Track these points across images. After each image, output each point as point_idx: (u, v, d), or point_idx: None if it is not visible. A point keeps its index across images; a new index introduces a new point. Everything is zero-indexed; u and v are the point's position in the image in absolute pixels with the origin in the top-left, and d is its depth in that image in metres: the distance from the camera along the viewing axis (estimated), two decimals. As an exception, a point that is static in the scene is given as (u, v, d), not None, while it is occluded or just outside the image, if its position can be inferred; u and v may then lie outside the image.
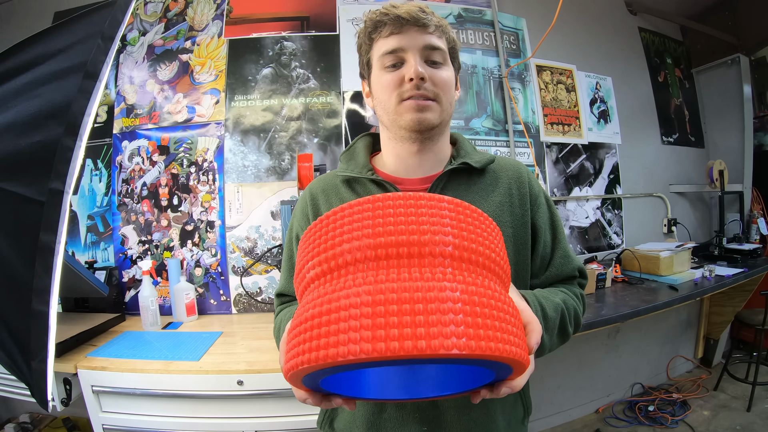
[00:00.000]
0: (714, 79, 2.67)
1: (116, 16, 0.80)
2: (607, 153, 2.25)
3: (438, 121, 0.63)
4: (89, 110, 0.77)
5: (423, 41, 0.61)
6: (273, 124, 1.74)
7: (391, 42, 0.62)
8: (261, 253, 1.70)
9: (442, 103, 0.63)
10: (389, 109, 0.64)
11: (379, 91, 0.65)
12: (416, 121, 0.62)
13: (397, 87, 0.62)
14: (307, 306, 0.36)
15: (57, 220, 0.75)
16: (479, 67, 1.97)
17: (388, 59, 0.62)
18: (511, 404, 0.69)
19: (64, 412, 1.56)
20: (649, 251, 1.97)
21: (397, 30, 0.61)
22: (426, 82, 0.61)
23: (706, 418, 1.98)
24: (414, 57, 0.61)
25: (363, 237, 0.36)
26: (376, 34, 0.64)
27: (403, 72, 0.61)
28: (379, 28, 0.63)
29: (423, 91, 0.61)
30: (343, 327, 0.31)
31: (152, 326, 1.46)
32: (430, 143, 0.66)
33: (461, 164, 0.66)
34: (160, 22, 1.81)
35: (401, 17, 0.61)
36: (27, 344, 0.77)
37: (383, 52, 0.63)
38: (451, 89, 0.64)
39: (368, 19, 0.64)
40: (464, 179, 0.67)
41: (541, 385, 1.98)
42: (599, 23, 2.29)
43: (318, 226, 0.41)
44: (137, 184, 1.74)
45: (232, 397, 1.14)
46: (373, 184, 0.67)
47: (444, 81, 0.62)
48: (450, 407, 0.62)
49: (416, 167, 0.68)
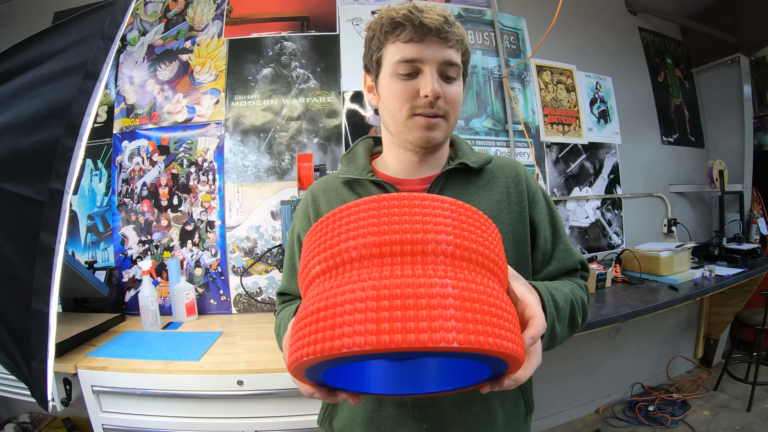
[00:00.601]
0: (714, 79, 2.67)
1: (116, 16, 0.80)
2: (607, 153, 2.25)
3: (443, 138, 0.64)
4: (89, 110, 0.77)
5: (443, 56, 0.59)
6: (273, 124, 1.75)
7: (410, 51, 0.58)
8: (261, 253, 1.70)
9: (449, 120, 0.63)
10: (398, 120, 0.63)
11: (388, 98, 0.63)
12: (424, 139, 0.62)
13: (410, 100, 0.60)
14: (312, 300, 0.37)
15: (57, 220, 0.75)
16: (479, 67, 1.97)
17: (404, 68, 0.59)
18: (513, 400, 0.69)
19: (64, 412, 1.56)
20: (649, 251, 1.97)
21: (419, 38, 0.58)
22: (439, 100, 0.60)
23: (706, 418, 1.98)
24: (432, 72, 0.59)
25: (368, 235, 0.37)
26: (393, 35, 0.60)
27: (418, 85, 0.59)
28: (398, 29, 0.59)
29: (435, 109, 0.60)
30: (348, 320, 0.32)
31: (152, 326, 1.46)
32: (431, 153, 0.67)
33: (459, 164, 0.67)
34: (160, 22, 1.81)
35: (426, 26, 0.57)
36: (27, 344, 0.77)
37: (400, 59, 0.59)
38: (459, 105, 0.64)
39: (387, 16, 0.60)
40: (462, 179, 0.68)
41: (541, 385, 1.98)
42: (599, 23, 2.29)
43: (323, 224, 0.42)
44: (137, 184, 1.74)
45: (232, 397, 1.14)
46: (373, 185, 0.68)
47: (455, 98, 0.62)
48: (449, 404, 0.62)
49: (416, 170, 0.69)
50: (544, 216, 0.70)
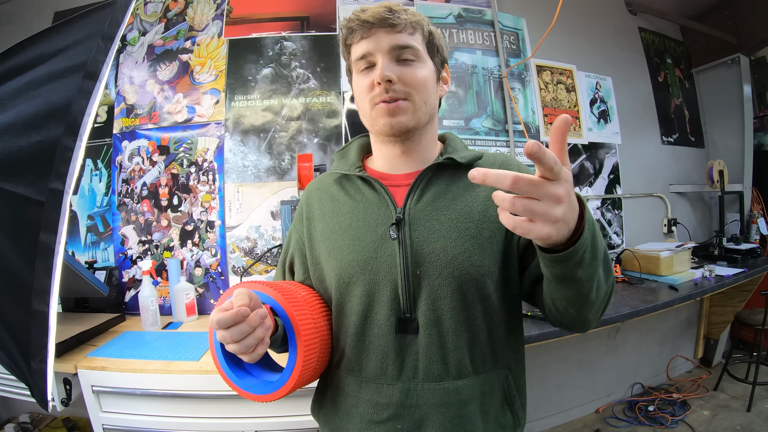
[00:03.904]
0: (714, 79, 2.67)
1: (116, 16, 0.80)
2: (607, 153, 2.25)
3: (413, 122, 0.63)
4: (89, 110, 0.77)
5: (390, 42, 0.61)
6: (273, 124, 1.74)
7: (361, 47, 0.63)
8: (261, 253, 1.70)
9: (414, 102, 0.62)
10: (365, 114, 0.66)
11: (356, 96, 0.67)
12: (388, 125, 0.63)
13: (369, 91, 0.63)
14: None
15: (57, 220, 0.75)
16: (479, 67, 1.97)
17: (360, 64, 0.64)
18: (497, 409, 0.65)
19: (64, 412, 1.56)
20: (649, 251, 1.97)
21: (366, 34, 0.62)
22: (395, 84, 0.61)
23: (706, 418, 1.98)
24: (382, 59, 0.61)
25: None
26: (350, 40, 0.65)
27: (372, 76, 0.62)
28: (351, 34, 0.64)
29: (393, 93, 0.61)
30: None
31: (152, 326, 1.46)
32: (412, 144, 0.67)
33: (446, 159, 0.67)
34: (160, 22, 1.81)
35: (367, 21, 0.61)
36: (27, 344, 0.77)
37: (355, 58, 0.64)
38: (425, 86, 0.63)
39: (342, 26, 0.66)
40: (448, 175, 0.67)
41: (541, 385, 1.98)
42: (599, 23, 2.29)
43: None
44: (137, 184, 1.74)
45: (232, 397, 1.13)
46: (360, 181, 0.69)
47: (415, 79, 0.62)
48: (426, 405, 0.61)
49: (402, 165, 0.69)
50: None
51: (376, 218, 0.65)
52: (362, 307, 0.64)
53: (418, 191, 0.66)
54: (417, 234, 0.63)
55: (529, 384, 0.73)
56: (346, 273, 0.64)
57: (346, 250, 0.65)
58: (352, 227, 0.66)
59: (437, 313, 0.61)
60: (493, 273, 0.63)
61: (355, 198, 0.69)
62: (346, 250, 0.65)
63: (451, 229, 0.62)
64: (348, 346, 0.65)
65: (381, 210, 0.65)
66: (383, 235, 0.63)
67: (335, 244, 0.67)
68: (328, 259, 0.67)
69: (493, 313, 0.64)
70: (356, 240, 0.65)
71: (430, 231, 0.63)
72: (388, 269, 0.62)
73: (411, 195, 0.65)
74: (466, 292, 0.61)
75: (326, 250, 0.68)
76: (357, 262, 0.64)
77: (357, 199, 0.68)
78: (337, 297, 0.66)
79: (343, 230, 0.67)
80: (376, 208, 0.66)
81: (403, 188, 0.67)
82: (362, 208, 0.67)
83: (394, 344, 0.62)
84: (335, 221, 0.68)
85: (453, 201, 0.65)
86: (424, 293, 0.61)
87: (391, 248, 0.62)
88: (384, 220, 0.64)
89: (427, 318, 0.61)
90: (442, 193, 0.66)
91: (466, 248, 0.61)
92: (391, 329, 0.62)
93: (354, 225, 0.66)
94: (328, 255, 0.67)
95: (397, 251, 0.62)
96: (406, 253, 0.62)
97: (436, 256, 0.61)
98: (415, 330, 0.62)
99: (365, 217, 0.66)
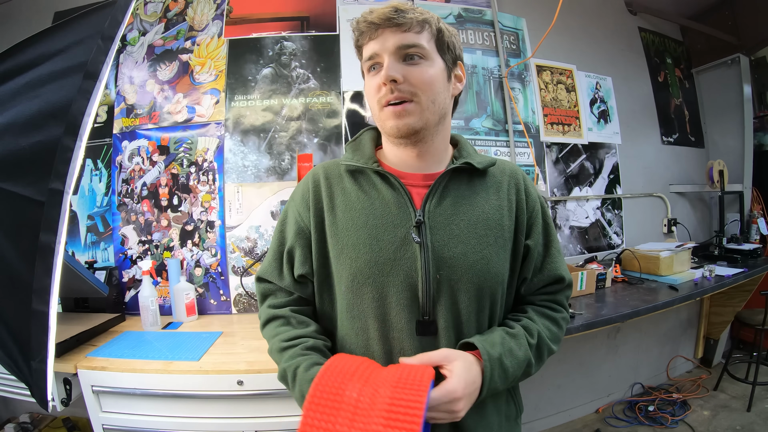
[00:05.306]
0: (714, 79, 2.67)
1: (116, 16, 0.80)
2: (607, 153, 2.25)
3: (420, 123, 0.62)
4: (89, 110, 0.77)
5: (396, 42, 0.60)
6: (273, 124, 1.74)
7: (369, 48, 0.63)
8: (261, 253, 1.70)
9: (421, 103, 0.61)
10: (375, 114, 0.66)
11: (367, 98, 0.68)
12: (395, 128, 0.62)
13: (377, 92, 0.63)
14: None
15: (57, 220, 0.75)
16: (479, 67, 1.97)
17: (368, 65, 0.64)
18: (504, 402, 0.70)
19: (64, 412, 1.56)
20: (649, 251, 1.97)
21: (374, 35, 0.62)
22: (401, 83, 0.60)
23: (706, 418, 1.98)
24: (388, 59, 0.60)
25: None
26: (360, 42, 0.65)
27: (379, 77, 0.62)
28: (361, 36, 0.64)
29: (399, 93, 0.60)
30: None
31: (152, 326, 1.46)
32: (424, 144, 0.67)
33: (464, 164, 0.67)
34: (160, 22, 1.81)
35: (374, 23, 0.61)
36: (27, 344, 0.77)
37: (364, 59, 0.65)
38: (432, 86, 0.62)
39: (353, 29, 0.66)
40: (465, 179, 0.68)
41: (541, 385, 1.98)
42: (599, 23, 2.29)
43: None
44: (137, 184, 1.74)
45: (232, 397, 1.14)
46: (377, 176, 0.68)
47: (422, 79, 0.61)
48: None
49: (417, 165, 0.69)
50: (539, 231, 0.71)
51: (395, 218, 0.64)
52: (378, 309, 0.63)
53: (437, 194, 0.65)
54: (437, 237, 0.62)
55: (529, 384, 0.75)
56: (361, 273, 0.63)
57: (362, 249, 0.63)
58: (368, 225, 0.64)
59: (456, 315, 0.63)
60: (504, 280, 0.66)
61: (369, 194, 0.67)
62: (362, 249, 0.63)
63: (470, 234, 0.63)
64: (369, 349, 0.64)
65: (400, 210, 0.64)
66: (404, 236, 0.63)
67: (348, 242, 0.64)
68: (339, 257, 0.65)
69: (501, 315, 0.69)
70: (373, 239, 0.63)
71: (450, 235, 0.63)
72: (408, 272, 0.62)
73: (430, 197, 0.65)
74: (482, 296, 0.63)
75: (337, 247, 0.65)
76: (375, 262, 0.62)
77: (372, 196, 0.66)
78: (348, 297, 0.65)
79: (357, 227, 0.64)
80: (395, 208, 0.64)
81: (419, 189, 0.67)
82: (379, 205, 0.65)
83: (416, 346, 0.62)
84: (347, 216, 0.66)
85: (471, 207, 0.65)
86: (444, 297, 0.62)
87: (413, 251, 0.62)
88: (403, 221, 0.63)
89: (447, 321, 0.62)
90: (460, 197, 0.66)
91: (484, 255, 0.63)
92: (412, 332, 0.62)
93: (370, 223, 0.64)
94: (340, 252, 0.65)
95: (419, 254, 0.61)
96: (427, 256, 0.61)
97: (456, 261, 0.62)
98: (434, 332, 0.62)
99: (383, 215, 0.64)
